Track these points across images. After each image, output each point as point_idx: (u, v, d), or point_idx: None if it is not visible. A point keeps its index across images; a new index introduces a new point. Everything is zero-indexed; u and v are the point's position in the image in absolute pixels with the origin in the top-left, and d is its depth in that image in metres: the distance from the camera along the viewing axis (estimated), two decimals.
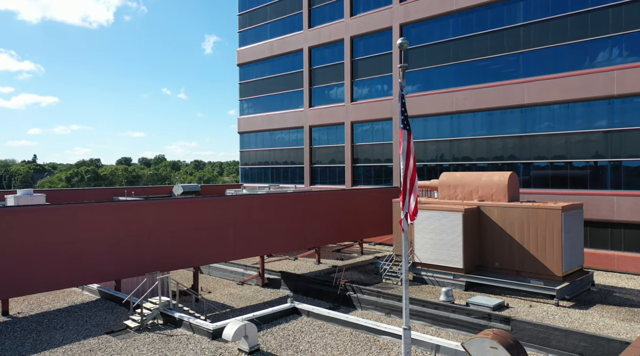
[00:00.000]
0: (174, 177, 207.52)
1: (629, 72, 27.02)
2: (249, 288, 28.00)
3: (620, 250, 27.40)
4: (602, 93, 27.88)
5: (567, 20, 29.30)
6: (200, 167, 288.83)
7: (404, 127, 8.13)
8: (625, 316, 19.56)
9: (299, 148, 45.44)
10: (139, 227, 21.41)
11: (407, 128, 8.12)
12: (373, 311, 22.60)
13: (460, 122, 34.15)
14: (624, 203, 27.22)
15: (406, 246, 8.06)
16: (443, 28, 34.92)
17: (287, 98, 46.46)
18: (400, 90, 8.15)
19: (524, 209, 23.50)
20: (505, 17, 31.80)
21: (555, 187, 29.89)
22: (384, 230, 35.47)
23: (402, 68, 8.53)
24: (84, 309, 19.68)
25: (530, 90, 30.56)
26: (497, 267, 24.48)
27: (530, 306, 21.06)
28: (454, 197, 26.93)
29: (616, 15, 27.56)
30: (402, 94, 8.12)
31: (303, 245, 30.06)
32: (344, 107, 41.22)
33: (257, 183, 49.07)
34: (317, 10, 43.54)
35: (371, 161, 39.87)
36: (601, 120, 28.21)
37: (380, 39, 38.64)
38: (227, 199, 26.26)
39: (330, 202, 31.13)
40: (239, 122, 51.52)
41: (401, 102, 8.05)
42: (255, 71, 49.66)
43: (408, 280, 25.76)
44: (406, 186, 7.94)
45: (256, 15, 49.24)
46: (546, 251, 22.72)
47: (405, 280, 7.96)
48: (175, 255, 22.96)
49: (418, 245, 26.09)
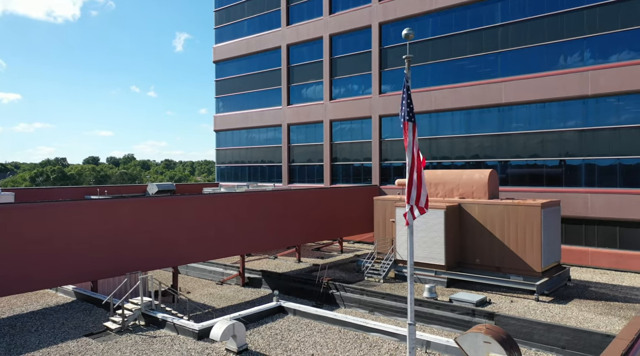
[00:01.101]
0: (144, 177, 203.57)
1: (602, 73, 27.75)
2: (229, 288, 27.53)
3: (594, 246, 28.13)
4: (577, 93, 28.56)
5: (543, 21, 29.90)
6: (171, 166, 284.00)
7: (410, 119, 8.01)
8: (603, 310, 20.04)
9: (277, 147, 45.08)
10: (116, 225, 20.74)
11: (412, 120, 8.01)
12: (356, 309, 22.51)
13: (438, 121, 34.47)
14: (597, 201, 27.95)
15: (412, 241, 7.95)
16: (422, 27, 35.16)
17: (265, 96, 46.03)
18: (406, 81, 8.03)
19: (504, 206, 23.83)
20: (483, 17, 32.25)
21: (532, 184, 30.47)
22: (363, 228, 35.53)
23: (407, 59, 8.42)
24: (59, 311, 18.93)
25: (508, 89, 31.07)
26: (478, 263, 24.77)
27: (511, 302, 21.37)
28: (435, 194, 27.12)
29: (590, 17, 28.28)
30: (408, 86, 8.01)
31: (284, 243, 29.79)
32: (322, 105, 41.08)
33: (234, 182, 48.45)
34: (296, 8, 43.27)
35: (350, 160, 39.86)
36: (576, 119, 28.90)
37: (360, 38, 38.66)
38: (207, 198, 25.76)
39: (310, 200, 30.95)
40: (215, 119, 50.77)
41: (407, 93, 7.93)
42: (232, 68, 49.01)
43: (391, 277, 25.69)
44: (412, 179, 7.81)
45: (233, 12, 48.60)
46: (526, 247, 23.10)
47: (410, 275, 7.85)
48: (154, 255, 22.36)
49: (400, 242, 26.16)
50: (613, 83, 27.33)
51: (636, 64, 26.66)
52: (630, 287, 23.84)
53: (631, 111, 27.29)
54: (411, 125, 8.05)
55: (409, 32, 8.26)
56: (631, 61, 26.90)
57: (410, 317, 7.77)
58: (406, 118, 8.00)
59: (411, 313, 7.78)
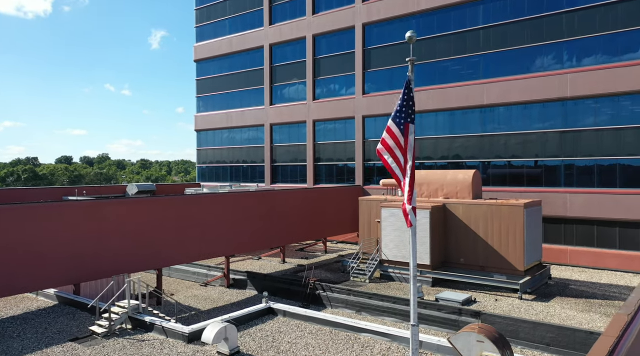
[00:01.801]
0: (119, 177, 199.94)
1: (581, 76, 28.44)
2: (213, 289, 27.26)
3: (573, 245, 28.81)
4: (557, 95, 29.20)
5: (524, 24, 30.47)
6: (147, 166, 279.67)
7: (412, 121, 8.08)
8: (584, 308, 20.55)
9: (260, 147, 44.85)
10: (99, 227, 20.32)
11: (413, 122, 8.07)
12: (343, 309, 22.55)
13: (422, 121, 34.79)
14: (576, 200, 28.64)
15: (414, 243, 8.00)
16: (406, 28, 35.40)
17: (247, 95, 45.74)
18: (409, 83, 8.09)
19: (488, 206, 24.21)
20: (466, 19, 32.68)
21: (513, 184, 31.03)
22: (347, 228, 35.65)
23: (411, 61, 8.48)
24: (41, 315, 18.45)
25: (490, 91, 31.57)
26: (462, 262, 25.10)
27: (495, 300, 21.73)
28: (420, 194, 27.38)
29: (569, 20, 28.94)
30: (411, 87, 8.06)
31: (269, 244, 29.67)
32: (305, 105, 41.03)
33: (216, 182, 48.01)
34: (278, 7, 43.11)
35: (333, 160, 39.93)
36: (555, 120, 29.54)
37: (343, 38, 38.75)
38: (191, 198, 25.47)
39: (295, 200, 30.89)
40: (196, 119, 50.21)
41: (409, 95, 7.98)
42: (213, 67, 48.55)
43: (376, 277, 25.82)
44: (413, 180, 7.87)
45: (214, 11, 48.14)
46: (509, 246, 23.52)
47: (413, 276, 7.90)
48: (138, 257, 22.01)
49: (385, 242, 26.33)
50: (591, 85, 28.04)
51: (611, 68, 27.40)
52: (608, 285, 24.50)
53: (607, 113, 28.04)
54: (412, 126, 8.11)
55: (412, 35, 8.32)
56: (607, 64, 27.64)
57: (414, 318, 7.82)
58: (407, 119, 8.06)
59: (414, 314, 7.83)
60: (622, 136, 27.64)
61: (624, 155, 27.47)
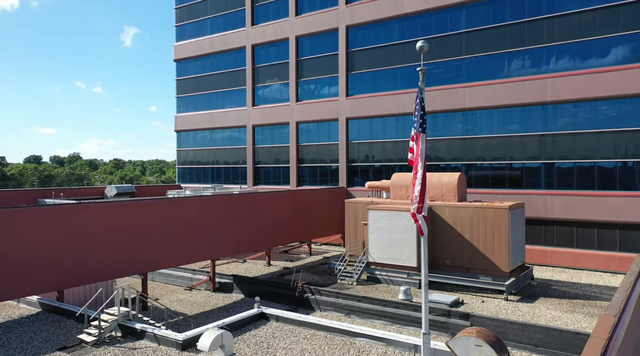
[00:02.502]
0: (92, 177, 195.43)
1: (560, 81, 29.15)
2: (199, 293, 26.93)
3: (553, 246, 29.51)
4: (537, 100, 29.86)
5: (506, 29, 31.06)
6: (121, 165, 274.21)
7: (423, 130, 8.14)
8: (568, 308, 21.07)
9: (242, 148, 44.51)
10: (83, 232, 19.88)
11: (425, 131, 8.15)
12: (332, 313, 22.57)
13: (405, 124, 35.10)
14: (556, 202, 29.34)
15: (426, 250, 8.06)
16: (389, 31, 35.70)
17: (229, 96, 45.33)
18: (420, 93, 8.14)
19: (473, 209, 24.58)
20: (448, 23, 33.11)
21: (495, 187, 31.59)
22: (331, 230, 35.73)
23: (421, 71, 8.53)
24: (25, 324, 17.90)
25: (472, 94, 32.06)
26: (448, 264, 25.41)
27: (482, 302, 22.09)
28: (406, 197, 27.62)
29: (549, 26, 29.62)
30: (422, 97, 8.12)
31: (255, 246, 29.49)
32: (289, 106, 40.91)
33: (197, 183, 47.44)
34: (261, 8, 42.85)
35: (317, 161, 39.92)
36: (536, 124, 30.20)
37: (327, 40, 38.78)
38: (177, 201, 25.12)
39: (280, 202, 30.77)
40: (176, 119, 49.51)
41: (420, 105, 8.04)
42: (194, 67, 47.94)
43: (363, 279, 25.89)
44: (424, 189, 7.94)
45: (195, 10, 47.55)
46: (494, 248, 23.93)
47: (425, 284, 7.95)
48: (124, 262, 21.60)
49: (372, 244, 26.46)
50: (570, 90, 28.76)
51: (589, 73, 28.17)
52: (588, 285, 25.18)
53: (585, 117, 28.81)
54: (423, 136, 8.18)
55: (423, 45, 8.38)
56: (585, 70, 28.40)
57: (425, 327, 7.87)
58: (419, 129, 8.12)
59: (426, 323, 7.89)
60: (599, 139, 28.45)
61: (601, 158, 28.28)
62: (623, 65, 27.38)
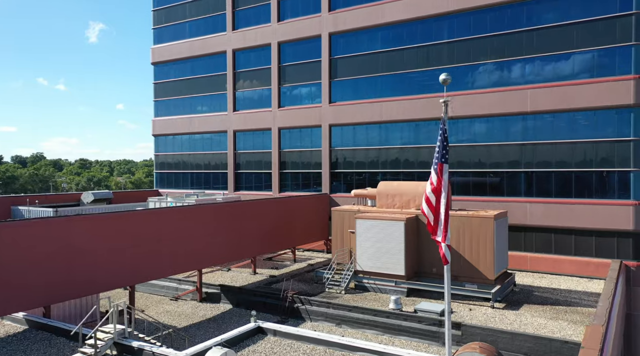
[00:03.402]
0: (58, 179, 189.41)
1: (540, 92, 30.08)
2: (185, 304, 26.63)
3: (533, 252, 30.43)
4: (517, 110, 30.72)
5: (487, 40, 31.82)
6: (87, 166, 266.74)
7: (445, 160, 8.36)
8: (552, 315, 21.79)
9: (222, 153, 44.11)
10: (70, 245, 19.47)
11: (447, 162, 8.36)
12: (323, 323, 22.71)
13: (388, 131, 35.53)
14: (535, 210, 30.27)
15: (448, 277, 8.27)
16: (372, 39, 36.06)
17: (209, 101, 44.87)
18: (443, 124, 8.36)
19: (459, 218, 25.12)
20: (432, 33, 33.67)
21: (476, 194, 32.33)
22: (315, 236, 35.89)
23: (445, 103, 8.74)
24: (12, 342, 17.35)
25: (454, 103, 32.68)
26: (434, 272, 25.90)
27: (470, 310, 22.61)
28: (392, 205, 27.98)
29: (529, 39, 30.53)
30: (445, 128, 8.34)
31: (242, 255, 29.38)
32: (271, 112, 40.81)
33: (175, 188, 46.77)
34: (242, 13, 42.58)
35: (299, 167, 39.96)
36: (516, 133, 31.06)
37: (310, 46, 38.85)
38: (163, 211, 24.83)
39: (266, 210, 30.69)
40: (154, 124, 48.65)
41: (443, 136, 8.26)
42: (173, 71, 47.22)
43: (351, 288, 26.05)
44: (447, 218, 8.16)
45: (174, 13, 46.84)
46: (480, 257, 24.53)
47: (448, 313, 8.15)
48: (111, 274, 21.21)
49: (360, 253, 26.70)
50: (549, 101, 29.71)
51: (568, 85, 29.17)
52: (568, 291, 26.08)
53: (563, 127, 29.83)
54: (446, 167, 8.40)
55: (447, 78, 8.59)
56: (564, 82, 29.40)
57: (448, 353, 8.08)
58: (442, 160, 8.34)
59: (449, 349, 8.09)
60: (576, 149, 29.50)
61: (578, 168, 29.33)
62: (599, 78, 28.46)
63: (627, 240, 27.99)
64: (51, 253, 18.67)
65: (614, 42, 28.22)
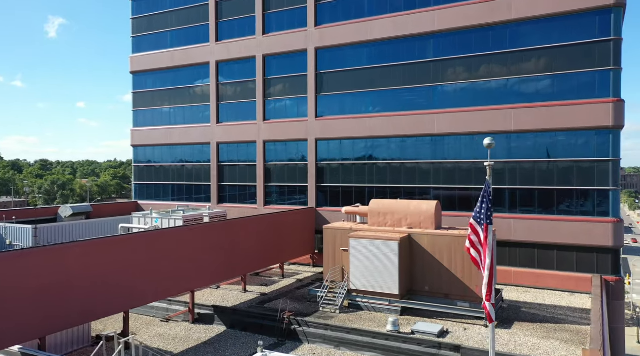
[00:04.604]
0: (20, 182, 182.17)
1: (523, 112, 31.09)
2: (177, 326, 26.22)
3: (517, 266, 31.41)
4: (502, 128, 31.66)
5: (473, 60, 32.66)
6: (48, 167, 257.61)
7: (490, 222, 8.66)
8: (543, 334, 22.59)
9: (205, 165, 43.61)
10: (64, 273, 19.11)
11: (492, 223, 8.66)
12: (322, 345, 22.82)
13: (375, 146, 35.96)
14: (519, 226, 31.27)
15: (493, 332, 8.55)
16: (359, 55, 36.43)
17: (192, 112, 44.27)
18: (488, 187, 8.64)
19: (452, 237, 25.72)
20: (418, 51, 34.31)
21: (462, 209, 33.10)
22: (302, 250, 36.01)
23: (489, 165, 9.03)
24: None
25: (440, 121, 33.42)
26: (427, 290, 26.41)
27: (465, 329, 23.18)
28: (384, 223, 28.36)
29: (514, 60, 31.51)
30: (490, 191, 8.63)
31: (233, 274, 29.22)
32: (256, 125, 40.62)
33: (156, 200, 45.90)
34: (226, 24, 42.22)
35: (285, 180, 39.92)
36: (501, 151, 31.96)
37: (296, 60, 38.88)
38: (157, 234, 24.46)
39: (254, 227, 30.60)
40: (133, 134, 47.63)
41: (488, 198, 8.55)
42: (153, 80, 46.35)
43: (344, 306, 26.24)
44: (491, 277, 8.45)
45: (155, 22, 45.98)
46: (472, 275, 25.16)
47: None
48: (107, 301, 20.82)
49: (353, 272, 26.95)
50: (532, 121, 30.74)
51: (551, 106, 30.27)
52: (553, 306, 27.05)
53: (546, 147, 30.93)
54: (490, 228, 8.69)
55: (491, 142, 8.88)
56: (546, 103, 30.48)
57: None
58: (487, 221, 8.63)
59: None
60: (558, 168, 30.63)
61: (560, 186, 30.46)
62: (580, 100, 29.66)
63: (606, 256, 29.28)
64: (45, 283, 18.24)
65: (594, 66, 29.48)
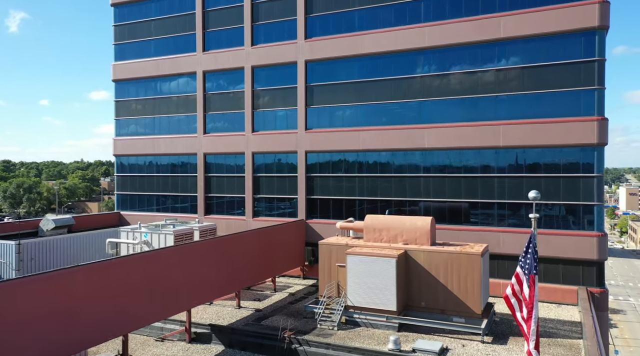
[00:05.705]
0: None
1: (511, 128, 31.96)
2: (174, 346, 25.89)
3: (506, 279, 32.20)
4: (491, 144, 32.46)
5: (462, 76, 33.36)
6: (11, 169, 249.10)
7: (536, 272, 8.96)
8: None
9: (192, 176, 43.07)
10: (70, 298, 18.71)
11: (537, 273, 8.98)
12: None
13: (365, 159, 36.29)
14: (507, 239, 32.12)
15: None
16: (350, 69, 36.70)
17: (177, 122, 43.66)
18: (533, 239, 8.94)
19: (448, 254, 26.23)
20: (409, 66, 34.81)
21: (452, 223, 33.76)
22: (293, 263, 36.06)
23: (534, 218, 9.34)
24: None
25: (430, 135, 34.01)
26: (423, 306, 26.83)
27: (463, 346, 23.68)
28: (380, 239, 28.67)
29: (503, 77, 32.34)
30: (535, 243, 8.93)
31: (230, 289, 29.08)
32: (244, 136, 40.39)
33: (139, 211, 45.04)
34: (213, 34, 41.82)
35: (274, 192, 39.83)
36: (490, 166, 32.79)
37: (286, 72, 38.85)
38: (155, 254, 24.07)
39: (248, 242, 30.46)
40: (115, 143, 46.61)
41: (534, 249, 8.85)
42: (136, 89, 45.48)
43: (342, 322, 26.40)
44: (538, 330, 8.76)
45: (139, 29, 45.12)
46: (467, 291, 25.72)
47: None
48: (108, 324, 20.47)
49: (350, 288, 27.14)
50: (520, 137, 31.63)
51: (537, 123, 31.22)
52: (543, 319, 27.87)
53: (533, 162, 31.89)
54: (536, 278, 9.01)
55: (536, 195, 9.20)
56: (533, 120, 31.42)
57: None
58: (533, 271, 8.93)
59: None
60: (545, 183, 31.60)
61: (547, 200, 31.43)
62: (566, 117, 30.69)
63: (591, 268, 30.41)
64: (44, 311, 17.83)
65: (579, 85, 30.56)
